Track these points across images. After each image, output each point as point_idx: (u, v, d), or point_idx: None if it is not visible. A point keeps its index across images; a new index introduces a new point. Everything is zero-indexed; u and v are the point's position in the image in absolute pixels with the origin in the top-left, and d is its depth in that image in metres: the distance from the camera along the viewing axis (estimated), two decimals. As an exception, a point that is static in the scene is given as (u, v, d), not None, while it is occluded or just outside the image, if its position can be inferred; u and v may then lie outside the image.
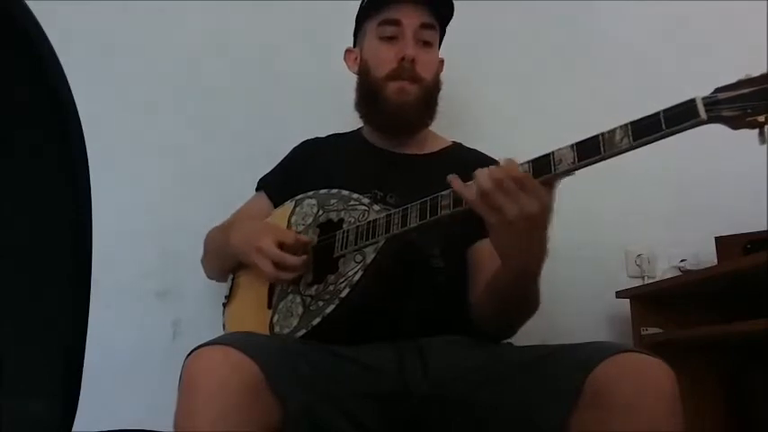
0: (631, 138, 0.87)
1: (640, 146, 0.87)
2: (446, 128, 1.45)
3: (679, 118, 0.84)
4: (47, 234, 0.51)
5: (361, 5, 1.39)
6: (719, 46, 1.84)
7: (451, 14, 1.38)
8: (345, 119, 1.46)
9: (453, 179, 0.98)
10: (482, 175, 0.94)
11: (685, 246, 1.75)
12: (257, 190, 1.44)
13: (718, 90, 0.84)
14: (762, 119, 0.81)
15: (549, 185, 0.95)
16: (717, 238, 1.60)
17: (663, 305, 1.64)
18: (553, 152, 0.94)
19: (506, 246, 0.98)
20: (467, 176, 0.99)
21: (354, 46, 1.45)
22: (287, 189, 1.34)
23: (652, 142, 0.86)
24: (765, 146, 0.82)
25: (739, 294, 1.54)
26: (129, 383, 1.48)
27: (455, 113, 1.58)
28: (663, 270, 1.76)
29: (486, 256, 1.16)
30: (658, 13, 1.90)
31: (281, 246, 1.14)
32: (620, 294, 1.68)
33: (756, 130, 0.82)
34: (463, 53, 1.54)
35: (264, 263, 1.14)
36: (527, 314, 1.13)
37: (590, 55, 1.88)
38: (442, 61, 1.42)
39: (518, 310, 1.12)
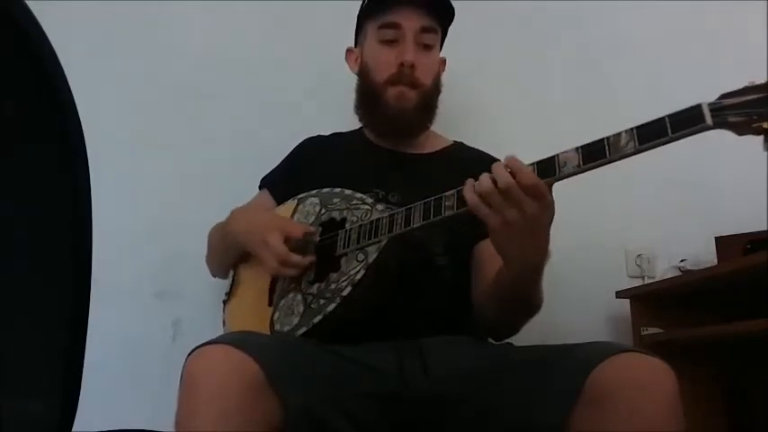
0: (637, 142, 0.87)
1: (645, 150, 0.87)
2: (447, 128, 1.45)
3: (685, 123, 0.84)
4: (47, 234, 0.51)
5: (361, 6, 1.39)
6: (719, 45, 1.84)
7: (452, 17, 1.37)
8: (346, 118, 1.46)
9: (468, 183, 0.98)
10: (482, 177, 0.94)
11: (685, 246, 1.75)
12: (260, 188, 1.44)
13: (723, 96, 0.84)
14: (767, 125, 0.81)
15: (549, 185, 0.95)
16: (717, 238, 1.60)
17: (663, 305, 1.64)
18: (558, 155, 0.94)
19: (506, 246, 0.98)
20: (468, 175, 0.99)
21: (355, 45, 1.44)
22: (289, 187, 1.33)
23: (657, 147, 0.86)
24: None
25: (739, 294, 1.54)
26: (129, 383, 1.48)
27: (456, 114, 1.58)
28: (663, 270, 1.76)
29: (487, 256, 1.16)
30: (660, 12, 1.90)
31: (288, 240, 1.13)
32: (620, 294, 1.68)
33: (761, 137, 0.82)
34: (463, 53, 1.54)
35: (269, 257, 1.14)
36: (529, 314, 1.13)
37: (590, 55, 1.88)
38: (443, 61, 1.42)
39: (519, 310, 1.12)
